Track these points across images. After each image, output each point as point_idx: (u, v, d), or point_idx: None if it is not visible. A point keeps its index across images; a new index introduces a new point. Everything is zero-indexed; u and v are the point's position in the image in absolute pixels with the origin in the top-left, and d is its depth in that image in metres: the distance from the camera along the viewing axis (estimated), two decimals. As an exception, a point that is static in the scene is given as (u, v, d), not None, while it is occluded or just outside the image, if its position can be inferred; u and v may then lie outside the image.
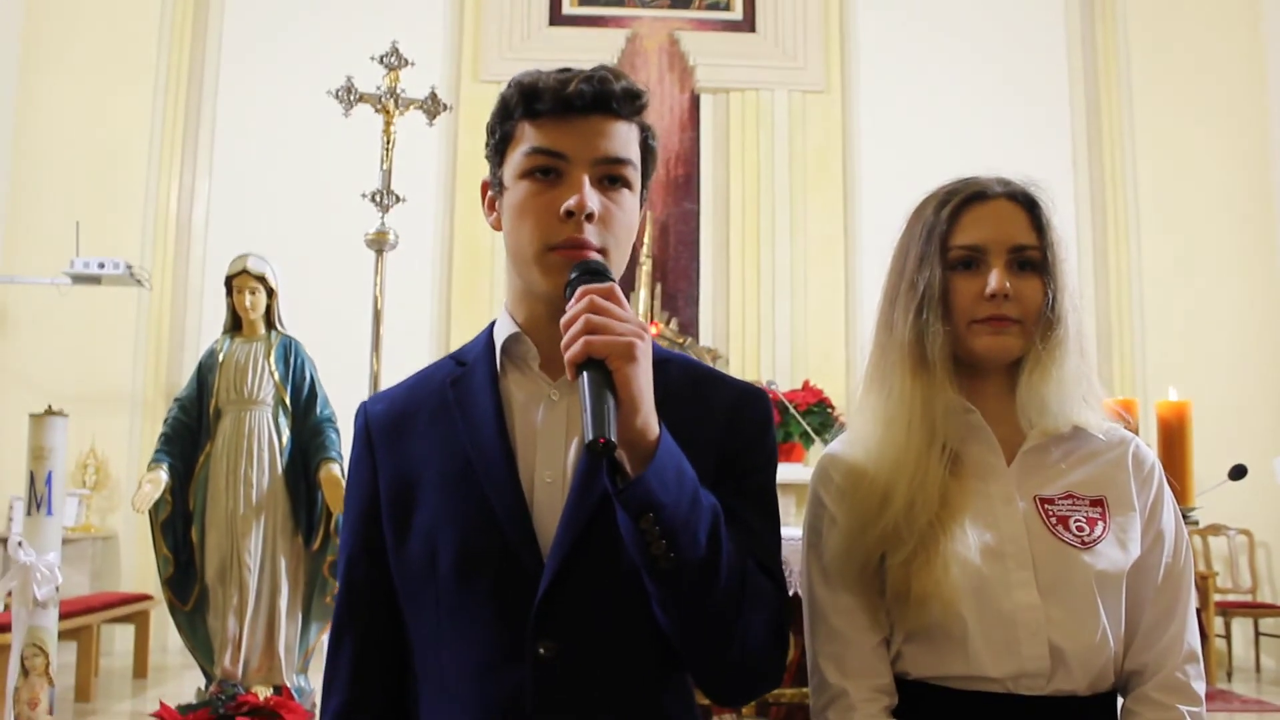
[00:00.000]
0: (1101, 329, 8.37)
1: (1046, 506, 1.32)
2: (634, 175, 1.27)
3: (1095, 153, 8.51)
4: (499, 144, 1.28)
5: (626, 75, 1.27)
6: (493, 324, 1.35)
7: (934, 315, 1.34)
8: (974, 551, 1.29)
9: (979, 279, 1.34)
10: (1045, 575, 1.29)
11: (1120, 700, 1.36)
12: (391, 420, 1.30)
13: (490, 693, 1.19)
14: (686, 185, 8.37)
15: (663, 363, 1.27)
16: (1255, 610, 7.74)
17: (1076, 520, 1.31)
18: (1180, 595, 1.36)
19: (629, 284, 8.10)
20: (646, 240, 8.15)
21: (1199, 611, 5.72)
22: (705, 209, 8.33)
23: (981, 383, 1.38)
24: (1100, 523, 1.32)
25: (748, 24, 8.49)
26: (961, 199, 1.38)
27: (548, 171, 1.23)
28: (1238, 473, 3.73)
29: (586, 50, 8.18)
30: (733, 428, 1.28)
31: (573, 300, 1.11)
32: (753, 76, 8.42)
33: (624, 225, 1.26)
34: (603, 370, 1.07)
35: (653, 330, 7.69)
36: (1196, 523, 3.10)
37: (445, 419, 1.27)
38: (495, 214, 1.31)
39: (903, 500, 1.30)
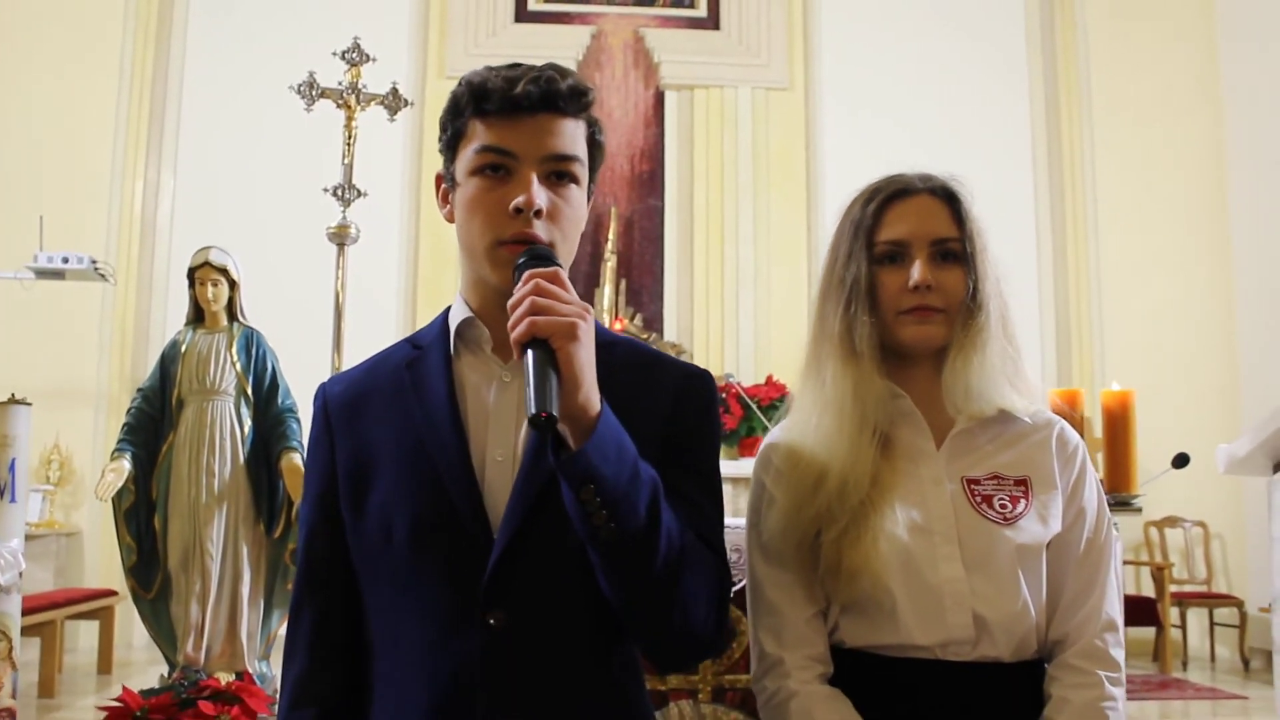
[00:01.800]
0: (1061, 323, 8.51)
1: (973, 486, 1.40)
2: (581, 171, 1.33)
3: (1054, 150, 8.65)
4: (451, 140, 1.33)
5: (574, 73, 1.33)
6: (448, 309, 1.40)
7: (861, 308, 1.42)
8: (902, 528, 1.36)
9: (903, 272, 1.42)
10: (970, 550, 1.37)
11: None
12: (349, 401, 1.35)
13: (442, 662, 1.24)
14: (651, 181, 8.43)
15: (610, 345, 1.33)
16: (1210, 600, 7.88)
17: (1000, 499, 1.39)
18: (1100, 568, 1.43)
19: (594, 280, 8.15)
20: (611, 236, 8.20)
21: (1155, 602, 5.84)
22: (670, 205, 8.40)
23: (911, 370, 1.45)
24: (1023, 500, 1.39)
25: (712, 21, 8.56)
26: (885, 196, 1.46)
27: (497, 169, 1.28)
28: (1180, 461, 3.83)
29: (552, 47, 8.22)
30: (677, 407, 1.33)
31: (519, 283, 1.17)
32: (717, 74, 8.49)
33: (571, 220, 1.31)
34: (546, 349, 1.12)
35: (618, 325, 7.75)
36: (1140, 510, 3.19)
37: (400, 400, 1.32)
38: (448, 206, 1.36)
39: (836, 481, 1.37)
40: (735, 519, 1.96)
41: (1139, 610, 7.84)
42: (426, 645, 1.26)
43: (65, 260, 6.94)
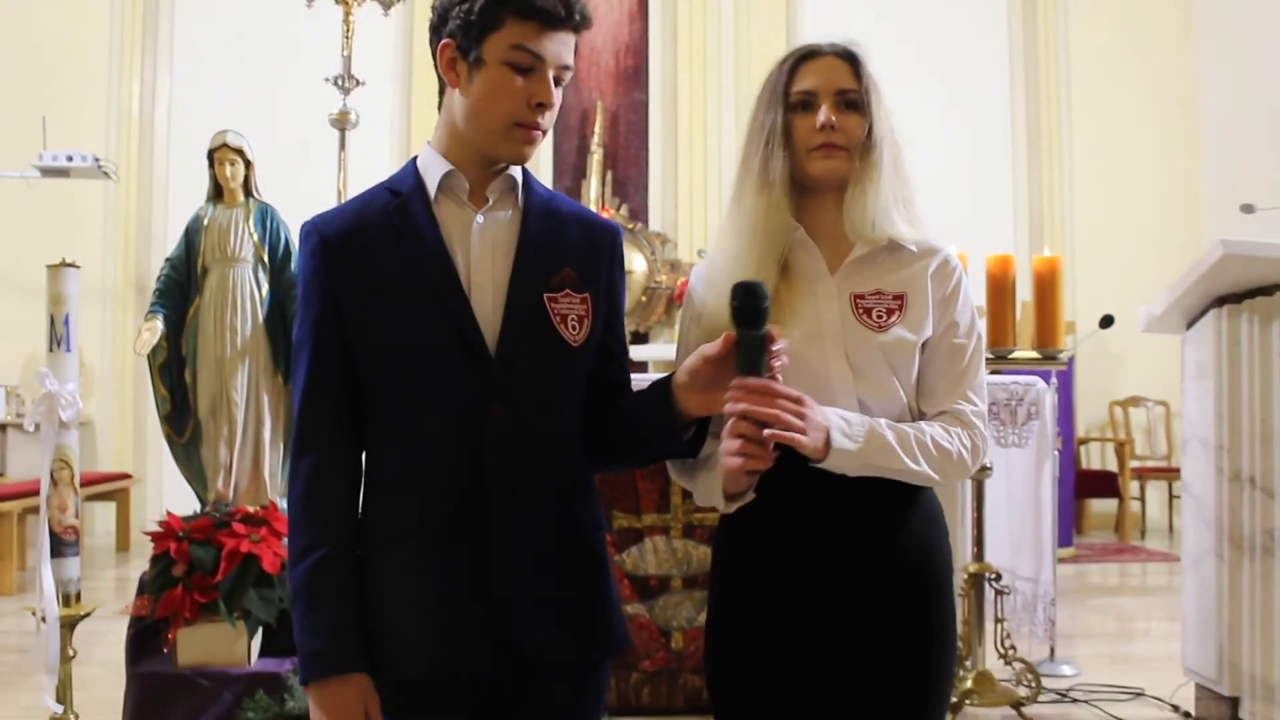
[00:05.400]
0: (1034, 202, 8.80)
1: (858, 300, 1.71)
2: (569, 77, 1.66)
3: (1030, 35, 8.86)
4: (480, 23, 1.59)
5: None
6: (414, 161, 1.70)
7: (778, 146, 1.73)
8: (798, 336, 1.68)
9: (812, 116, 1.72)
10: (852, 351, 1.69)
11: None
12: (346, 236, 1.63)
13: (458, 443, 1.57)
14: (636, 76, 8.63)
15: (553, 196, 1.73)
16: (1169, 475, 8.29)
17: (878, 310, 1.71)
18: (970, 367, 1.75)
19: (580, 172, 8.41)
20: (597, 130, 8.43)
21: (1116, 476, 6.23)
22: (654, 99, 8.61)
23: (817, 202, 1.76)
24: (897, 312, 1.72)
25: (695, -84, 8.66)
26: (798, 56, 1.77)
27: (526, 67, 1.58)
28: (1106, 322, 4.19)
29: (537, -57, 8.34)
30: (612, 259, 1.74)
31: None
32: (700, -32, 8.63)
33: (555, 110, 1.65)
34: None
35: (604, 215, 8.02)
36: (1065, 364, 3.54)
37: (395, 239, 1.61)
38: (455, 74, 1.63)
39: None
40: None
41: (1101, 483, 8.27)
42: (442, 431, 1.58)
43: (70, 159, 7.10)
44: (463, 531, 1.57)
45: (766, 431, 1.50)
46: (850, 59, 1.76)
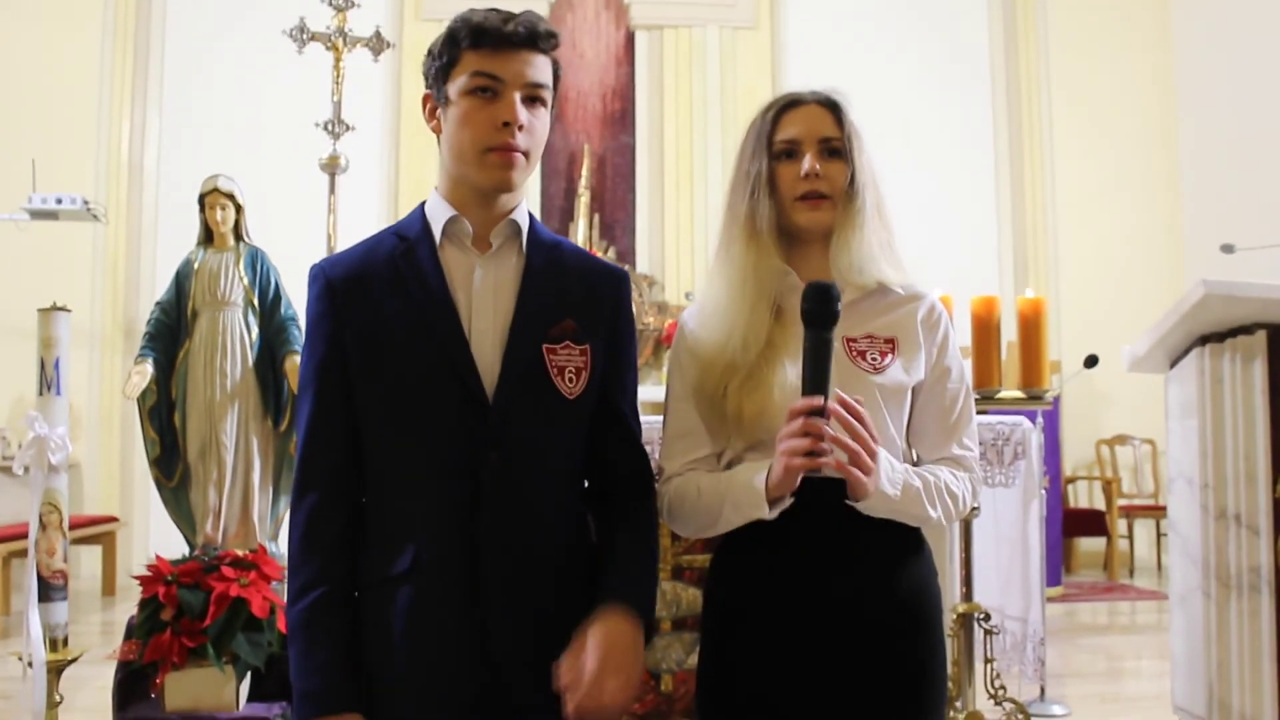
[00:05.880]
0: (1018, 244, 8.86)
1: (851, 343, 1.73)
2: (549, 96, 1.68)
3: (1013, 81, 8.95)
4: (444, 67, 1.65)
5: (545, 19, 1.68)
6: (423, 204, 1.73)
7: (763, 195, 1.76)
8: (793, 379, 1.69)
9: (797, 165, 1.75)
10: (847, 393, 1.70)
11: None
12: (352, 282, 1.66)
13: (454, 489, 1.59)
14: (622, 119, 8.70)
15: (556, 244, 1.73)
16: (1157, 513, 8.31)
17: (871, 354, 1.73)
18: (961, 411, 1.79)
19: (568, 215, 8.46)
20: (584, 172, 8.49)
21: (1103, 514, 6.24)
22: (640, 142, 8.67)
23: (804, 251, 1.79)
24: (890, 355, 1.74)
25: (680, -38, 8.77)
26: (781, 105, 1.80)
27: (487, 90, 1.61)
28: (1090, 362, 4.23)
29: (525, -11, 8.44)
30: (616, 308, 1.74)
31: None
32: (685, 14, 8.72)
33: (540, 133, 1.67)
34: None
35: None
36: (1050, 403, 3.57)
37: (401, 284, 1.64)
38: (436, 120, 1.69)
39: (738, 339, 1.72)
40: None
41: (1089, 522, 8.28)
42: (439, 472, 1.59)
43: (59, 201, 7.09)
44: (455, 578, 1.58)
45: (834, 459, 1.54)
46: (832, 107, 1.79)
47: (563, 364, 1.64)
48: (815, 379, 1.55)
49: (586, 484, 1.74)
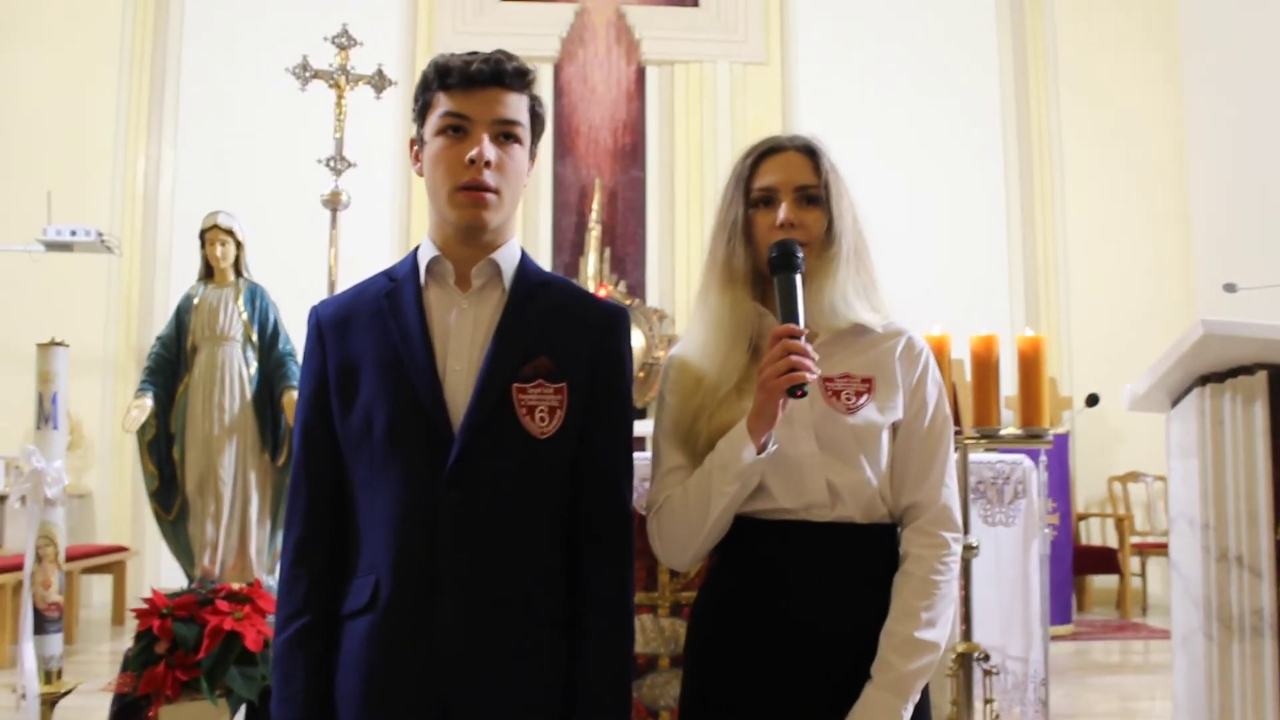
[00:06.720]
0: (1029, 282, 8.84)
1: (827, 383, 1.73)
2: (524, 133, 1.69)
3: (1024, 121, 8.96)
4: (421, 109, 1.69)
5: (519, 58, 1.69)
6: (417, 247, 1.74)
7: (739, 242, 1.77)
8: None
9: (773, 213, 1.76)
10: (822, 433, 1.71)
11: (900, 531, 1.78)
12: (338, 320, 1.69)
13: (415, 527, 1.59)
14: (633, 154, 8.75)
15: (546, 284, 1.71)
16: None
17: (847, 394, 1.73)
18: (940, 449, 1.77)
19: (579, 249, 8.49)
20: (595, 206, 8.52)
21: (1116, 552, 6.20)
22: (651, 176, 8.71)
23: None
24: (866, 395, 1.73)
25: (691, -1, 8.85)
26: (760, 152, 1.81)
27: (456, 129, 1.63)
28: (1091, 400, 4.21)
29: (537, 25, 8.53)
30: (601, 345, 1.72)
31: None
32: (696, 49, 8.78)
33: (514, 171, 1.67)
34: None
35: (602, 292, 8.08)
36: (1051, 442, 3.55)
37: (381, 322, 1.66)
38: (419, 163, 1.71)
39: (711, 381, 1.73)
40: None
41: (1101, 559, 8.21)
42: (400, 514, 1.60)
43: (74, 233, 7.19)
44: (413, 615, 1.59)
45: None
46: (810, 153, 1.79)
47: (533, 403, 1.63)
48: (787, 311, 1.65)
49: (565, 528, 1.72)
